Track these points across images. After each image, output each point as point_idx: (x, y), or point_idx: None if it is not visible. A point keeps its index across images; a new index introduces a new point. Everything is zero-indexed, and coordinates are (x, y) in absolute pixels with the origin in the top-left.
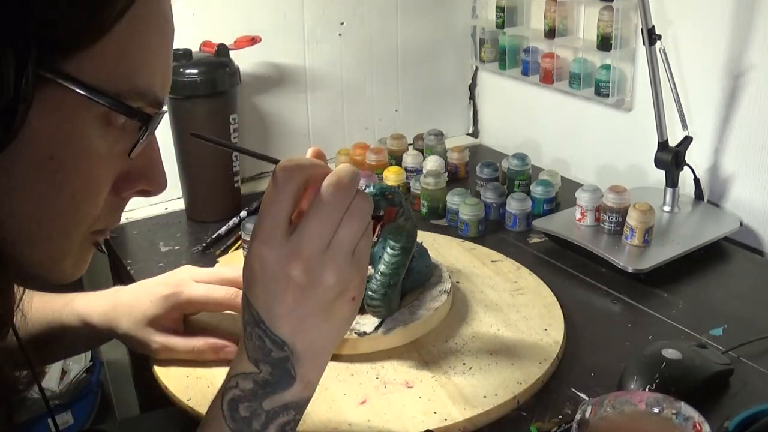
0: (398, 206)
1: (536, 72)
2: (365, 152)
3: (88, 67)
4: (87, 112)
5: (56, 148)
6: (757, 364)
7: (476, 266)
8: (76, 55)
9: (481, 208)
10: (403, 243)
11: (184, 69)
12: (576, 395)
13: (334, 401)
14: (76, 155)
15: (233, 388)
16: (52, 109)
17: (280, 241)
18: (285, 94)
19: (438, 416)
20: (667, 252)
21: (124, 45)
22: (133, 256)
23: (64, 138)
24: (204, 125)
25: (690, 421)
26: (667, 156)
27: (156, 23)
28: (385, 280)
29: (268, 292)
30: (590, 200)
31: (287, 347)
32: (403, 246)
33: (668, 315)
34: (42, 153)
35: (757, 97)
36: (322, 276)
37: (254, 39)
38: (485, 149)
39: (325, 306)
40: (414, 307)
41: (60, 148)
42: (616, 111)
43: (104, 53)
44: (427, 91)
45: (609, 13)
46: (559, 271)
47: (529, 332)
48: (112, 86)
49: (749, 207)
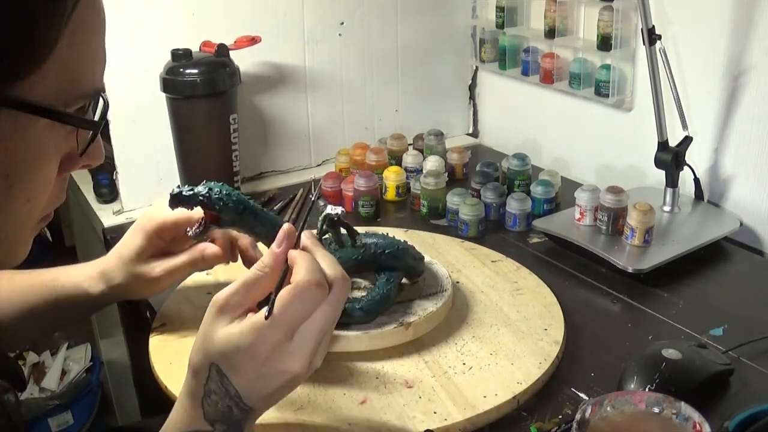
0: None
1: (536, 72)
2: (365, 152)
3: (36, 88)
4: (37, 125)
5: (10, 167)
6: (757, 364)
7: (476, 266)
8: (25, 79)
9: (481, 208)
10: None
11: (184, 69)
12: (576, 395)
13: (334, 401)
14: (29, 167)
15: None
16: (5, 133)
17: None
18: (285, 94)
19: (438, 416)
20: (667, 252)
21: (67, 59)
22: None
23: (18, 156)
24: (204, 125)
25: (690, 421)
26: (667, 156)
27: (94, 24)
28: None
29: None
30: (589, 200)
31: (251, 411)
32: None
33: (668, 315)
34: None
35: (757, 97)
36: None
37: (254, 39)
38: (485, 149)
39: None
40: (414, 306)
41: (14, 165)
42: (616, 111)
43: (51, 70)
44: (427, 91)
45: (609, 13)
46: (559, 271)
47: (529, 332)
48: (59, 99)
49: (749, 207)
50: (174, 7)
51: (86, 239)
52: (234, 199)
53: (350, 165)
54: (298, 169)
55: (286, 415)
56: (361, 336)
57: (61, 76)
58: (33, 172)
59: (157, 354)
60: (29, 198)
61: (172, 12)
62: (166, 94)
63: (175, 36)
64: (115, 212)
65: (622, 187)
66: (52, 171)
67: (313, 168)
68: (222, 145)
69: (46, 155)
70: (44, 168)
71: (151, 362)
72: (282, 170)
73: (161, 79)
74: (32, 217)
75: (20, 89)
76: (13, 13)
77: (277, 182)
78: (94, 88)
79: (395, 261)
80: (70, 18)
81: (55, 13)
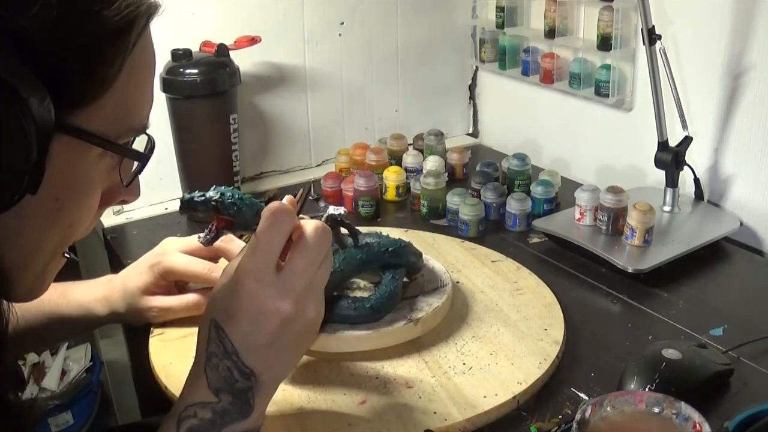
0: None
1: (536, 72)
2: (365, 152)
3: (94, 119)
4: (90, 154)
5: (62, 191)
6: (757, 364)
7: (476, 266)
8: (84, 109)
9: (481, 208)
10: None
11: (184, 69)
12: (576, 395)
13: (334, 401)
14: (78, 193)
15: (191, 418)
16: (61, 157)
17: (273, 278)
18: (285, 94)
19: (438, 416)
20: (667, 252)
21: (123, 93)
22: (133, 256)
23: (70, 181)
24: (204, 125)
25: (690, 421)
26: (667, 156)
27: (148, 64)
28: None
29: (253, 325)
30: (589, 200)
31: (254, 377)
32: None
33: (668, 315)
34: (49, 195)
35: (757, 97)
36: (306, 309)
37: (254, 39)
38: (485, 149)
39: (299, 340)
40: (418, 303)
41: (65, 190)
42: (616, 111)
43: (107, 103)
44: (427, 91)
45: (609, 13)
46: (559, 271)
47: (529, 332)
48: (113, 130)
49: (749, 207)
50: (174, 7)
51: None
52: (247, 203)
53: (350, 165)
54: (298, 169)
55: (286, 415)
56: (372, 335)
57: (116, 110)
58: (80, 199)
59: (157, 354)
60: (71, 224)
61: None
62: (166, 94)
63: (175, 36)
64: (115, 212)
65: (622, 187)
66: (95, 201)
67: (313, 168)
68: (222, 145)
69: (93, 184)
70: (90, 197)
71: (151, 362)
72: (282, 170)
73: (161, 79)
74: (64, 245)
75: (79, 118)
76: (84, 43)
77: (277, 182)
78: (142, 124)
79: (398, 258)
80: (130, 54)
81: (120, 48)
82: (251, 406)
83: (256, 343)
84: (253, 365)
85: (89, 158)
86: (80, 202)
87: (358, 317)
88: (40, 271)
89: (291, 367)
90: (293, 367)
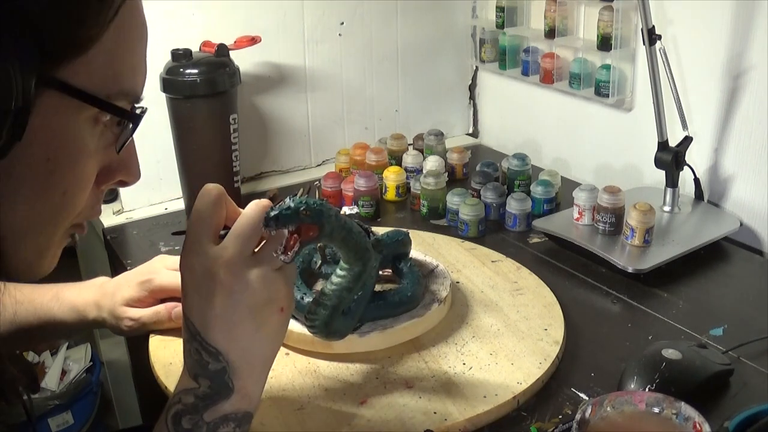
0: (319, 225)
1: (536, 72)
2: (365, 152)
3: (81, 74)
4: (80, 114)
5: (53, 150)
6: (757, 364)
7: (476, 266)
8: (69, 63)
9: (481, 208)
10: (352, 265)
11: (184, 69)
12: (576, 395)
13: (334, 401)
14: (70, 155)
15: (176, 404)
16: (49, 114)
17: (206, 248)
18: (285, 94)
19: (438, 416)
20: (667, 252)
21: (112, 51)
22: (133, 256)
23: (60, 140)
24: (204, 125)
25: (690, 421)
26: (667, 156)
27: (137, 28)
28: (325, 300)
29: (199, 298)
30: (587, 199)
31: (222, 357)
32: (352, 269)
33: (668, 315)
34: (39, 155)
35: (757, 97)
36: (247, 278)
37: (254, 39)
38: (485, 149)
39: (253, 313)
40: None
41: (56, 149)
42: (616, 111)
43: (95, 60)
44: (427, 91)
45: (609, 13)
46: (559, 271)
47: (529, 332)
48: (102, 89)
49: (749, 207)
50: (174, 7)
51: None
52: (328, 207)
53: (350, 165)
54: (298, 169)
55: (286, 415)
56: (416, 322)
57: (105, 68)
58: (73, 163)
59: (157, 354)
60: (66, 191)
61: (172, 12)
62: (166, 94)
63: (175, 36)
64: (115, 212)
65: (621, 187)
66: (91, 171)
67: (313, 168)
68: (222, 145)
69: (86, 150)
70: (84, 163)
71: (151, 362)
72: (282, 170)
73: (161, 79)
74: (65, 218)
75: (64, 73)
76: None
77: (277, 182)
78: (134, 92)
79: (405, 247)
80: (117, 13)
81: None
82: (230, 388)
83: (208, 315)
84: (214, 342)
85: (79, 119)
86: (73, 168)
87: (403, 306)
88: (42, 246)
89: (261, 348)
90: (266, 349)
